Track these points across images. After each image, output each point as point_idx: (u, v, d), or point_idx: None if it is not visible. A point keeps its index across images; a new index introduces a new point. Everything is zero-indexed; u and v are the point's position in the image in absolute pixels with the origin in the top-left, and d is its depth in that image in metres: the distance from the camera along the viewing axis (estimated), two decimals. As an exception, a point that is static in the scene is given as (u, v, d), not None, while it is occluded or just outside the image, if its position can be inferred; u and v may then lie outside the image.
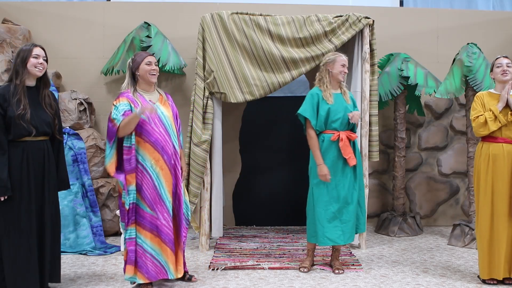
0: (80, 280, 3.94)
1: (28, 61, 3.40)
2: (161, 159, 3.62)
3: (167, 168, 3.64)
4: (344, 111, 4.04)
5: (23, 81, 3.40)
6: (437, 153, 5.99)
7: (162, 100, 3.78)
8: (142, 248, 3.60)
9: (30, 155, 3.40)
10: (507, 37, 6.01)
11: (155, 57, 3.78)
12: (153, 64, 3.71)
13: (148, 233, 3.60)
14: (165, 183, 3.63)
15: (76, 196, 4.88)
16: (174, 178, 3.69)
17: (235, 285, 3.84)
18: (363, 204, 4.21)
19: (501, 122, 3.77)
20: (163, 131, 3.65)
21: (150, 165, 3.59)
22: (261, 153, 5.85)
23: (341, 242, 4.03)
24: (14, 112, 3.32)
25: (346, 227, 4.03)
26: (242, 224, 5.85)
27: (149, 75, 3.69)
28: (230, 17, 4.75)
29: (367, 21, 4.78)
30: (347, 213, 4.04)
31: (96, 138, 5.25)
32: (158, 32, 5.31)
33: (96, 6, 5.77)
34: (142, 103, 3.60)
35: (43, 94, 3.51)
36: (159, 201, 3.60)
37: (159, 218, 3.60)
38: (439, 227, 5.90)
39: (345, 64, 4.08)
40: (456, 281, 3.94)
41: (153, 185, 3.59)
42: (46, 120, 3.47)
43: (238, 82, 4.74)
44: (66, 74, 5.61)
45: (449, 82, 5.04)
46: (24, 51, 3.43)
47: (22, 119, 3.32)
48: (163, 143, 3.63)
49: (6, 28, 5.23)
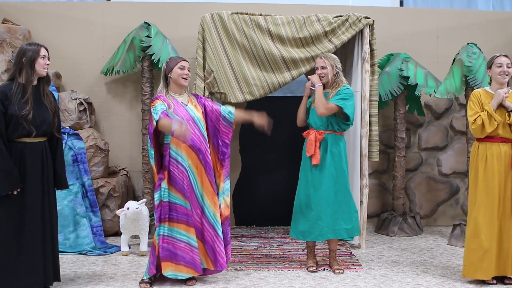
0: (80, 280, 3.94)
1: (36, 62, 3.40)
2: (197, 159, 3.79)
3: (202, 167, 3.81)
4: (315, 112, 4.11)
5: (31, 81, 3.40)
6: (437, 153, 5.99)
7: (193, 102, 3.92)
8: (175, 239, 3.75)
9: (28, 156, 3.38)
10: (507, 37, 6.00)
11: (188, 63, 3.90)
12: (186, 69, 3.85)
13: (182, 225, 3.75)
14: (200, 181, 3.81)
15: (76, 196, 4.88)
16: (208, 175, 3.85)
17: (235, 285, 3.84)
18: (346, 210, 4.08)
19: (496, 120, 3.73)
20: (198, 132, 3.80)
21: (188, 165, 3.76)
22: (261, 153, 5.85)
23: (301, 238, 4.18)
24: (16, 111, 3.30)
25: (307, 225, 4.09)
26: (242, 224, 5.85)
27: (182, 79, 3.84)
28: (230, 17, 4.75)
29: (367, 21, 4.78)
30: (310, 212, 4.08)
31: (96, 138, 5.25)
32: (158, 32, 5.31)
33: (96, 6, 5.77)
34: (175, 104, 3.78)
35: (44, 91, 3.51)
36: (195, 200, 3.79)
37: (193, 215, 3.78)
38: (439, 227, 5.90)
39: (317, 66, 4.14)
40: (456, 281, 3.94)
41: (190, 184, 3.77)
42: (47, 119, 3.46)
43: (238, 82, 4.74)
44: (66, 74, 5.61)
45: (449, 82, 5.04)
46: (31, 51, 3.40)
47: (24, 119, 3.32)
48: (199, 145, 3.79)
49: (6, 28, 5.23)
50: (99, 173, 5.25)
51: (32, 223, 3.38)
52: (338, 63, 4.14)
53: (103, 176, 5.31)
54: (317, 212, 4.06)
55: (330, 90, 4.13)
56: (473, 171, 3.90)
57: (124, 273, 4.11)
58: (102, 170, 5.27)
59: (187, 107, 3.84)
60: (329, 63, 4.09)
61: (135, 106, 5.68)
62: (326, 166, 4.08)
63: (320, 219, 4.06)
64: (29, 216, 3.37)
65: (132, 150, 5.69)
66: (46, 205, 3.47)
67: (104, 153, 5.29)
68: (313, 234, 4.10)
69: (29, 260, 3.36)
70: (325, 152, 4.09)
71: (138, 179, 5.69)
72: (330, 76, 4.09)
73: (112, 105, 5.73)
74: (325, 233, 4.08)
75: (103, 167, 5.27)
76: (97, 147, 5.22)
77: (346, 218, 4.10)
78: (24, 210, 3.36)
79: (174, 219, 3.74)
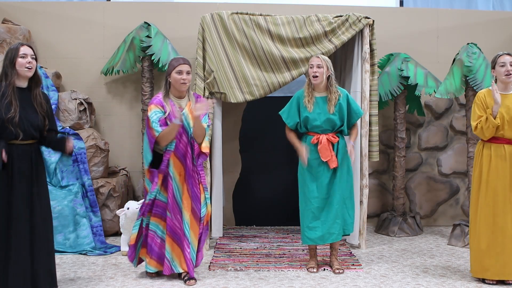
0: (80, 280, 3.94)
1: (16, 61, 3.27)
2: (181, 166, 3.77)
3: (184, 173, 3.78)
4: (324, 118, 4.04)
5: (13, 82, 3.26)
6: (437, 153, 5.99)
7: (190, 106, 3.78)
8: (154, 233, 3.87)
9: (15, 159, 3.27)
10: (507, 37, 6.00)
11: (188, 65, 3.76)
12: (184, 73, 3.72)
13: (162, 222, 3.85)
14: (182, 187, 3.79)
15: (76, 196, 4.88)
16: (191, 181, 3.80)
17: (235, 285, 3.84)
18: (350, 206, 4.14)
19: (492, 125, 3.70)
20: (185, 139, 3.77)
21: (172, 170, 3.75)
22: (261, 153, 5.85)
23: (319, 242, 4.09)
24: (3, 114, 3.19)
25: (325, 228, 4.04)
26: (242, 224, 5.85)
27: (179, 84, 3.74)
28: (230, 17, 4.75)
29: (367, 21, 4.78)
30: (328, 214, 4.05)
31: (96, 138, 5.25)
32: (158, 32, 5.31)
33: (96, 6, 5.77)
34: (171, 108, 3.71)
35: (34, 94, 3.38)
36: (175, 205, 3.78)
37: (172, 219, 3.78)
38: (439, 227, 5.90)
39: (313, 64, 4.04)
40: (456, 281, 3.94)
41: (173, 191, 3.77)
42: (35, 122, 3.33)
43: (238, 82, 4.74)
44: (66, 74, 5.61)
45: (449, 82, 5.04)
46: (11, 50, 3.30)
47: (10, 122, 3.20)
48: (184, 152, 3.77)
49: (6, 28, 5.23)
50: (99, 173, 5.25)
51: (18, 227, 3.26)
52: (332, 66, 4.10)
53: (103, 176, 5.31)
54: (334, 213, 4.05)
55: (326, 93, 4.08)
56: (476, 171, 3.88)
57: (124, 273, 4.11)
58: (102, 170, 5.27)
59: (183, 112, 3.77)
60: (325, 63, 4.04)
61: (135, 106, 5.68)
62: (338, 167, 4.08)
63: (338, 218, 4.06)
64: (16, 221, 3.25)
65: (132, 150, 5.69)
66: (36, 208, 3.34)
67: (104, 153, 5.29)
68: (332, 235, 4.07)
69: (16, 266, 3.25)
70: (336, 151, 4.09)
71: (138, 179, 5.69)
72: (324, 76, 4.03)
73: (112, 105, 5.73)
74: (340, 232, 4.10)
75: (103, 167, 5.27)
76: (97, 147, 5.22)
77: (351, 213, 4.17)
78: (11, 214, 3.24)
79: (155, 213, 3.86)
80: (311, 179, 4.10)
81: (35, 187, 3.36)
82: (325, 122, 4.04)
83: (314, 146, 4.08)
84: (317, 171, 4.08)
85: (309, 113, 4.05)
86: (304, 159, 4.05)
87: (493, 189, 3.77)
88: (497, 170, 3.76)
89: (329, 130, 4.07)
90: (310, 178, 4.10)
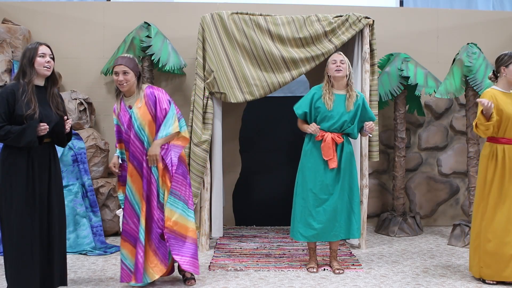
0: (80, 280, 3.94)
1: (35, 61, 3.34)
2: (131, 165, 3.69)
3: (137, 173, 3.67)
4: (339, 118, 4.03)
5: (32, 80, 3.34)
6: (437, 153, 5.99)
7: (139, 102, 3.63)
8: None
9: (35, 159, 3.35)
10: (507, 37, 6.00)
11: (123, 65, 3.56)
12: (120, 74, 3.56)
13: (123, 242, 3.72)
14: (135, 187, 3.68)
15: (76, 196, 4.88)
16: (146, 180, 3.65)
17: (235, 285, 3.84)
18: (356, 209, 4.12)
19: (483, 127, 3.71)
20: (138, 143, 3.64)
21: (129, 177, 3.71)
22: (261, 153, 5.85)
23: (312, 240, 4.10)
24: (23, 111, 3.26)
25: (320, 227, 4.03)
26: (242, 224, 5.85)
27: (118, 85, 3.61)
28: (230, 17, 4.75)
29: (367, 21, 4.78)
30: (325, 214, 4.04)
31: (96, 138, 5.25)
32: (158, 32, 5.31)
33: (96, 6, 5.77)
34: (120, 110, 3.68)
35: (51, 93, 3.45)
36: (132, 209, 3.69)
37: (128, 223, 3.69)
38: (439, 227, 5.90)
39: (336, 60, 4.04)
40: (456, 281, 3.94)
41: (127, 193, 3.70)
42: (53, 120, 3.40)
43: (238, 82, 4.74)
44: (66, 74, 5.61)
45: (449, 82, 5.04)
46: (30, 50, 3.36)
47: (30, 119, 3.26)
48: (133, 150, 3.66)
49: (6, 28, 5.23)
50: (99, 173, 5.25)
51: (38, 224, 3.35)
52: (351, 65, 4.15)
53: (103, 176, 5.31)
54: (333, 213, 4.04)
55: (345, 92, 4.08)
56: (482, 171, 3.87)
57: (124, 273, 4.11)
58: (102, 170, 5.27)
59: (131, 110, 3.63)
60: (347, 60, 4.09)
61: (135, 106, 5.68)
62: (342, 167, 4.07)
63: (336, 219, 4.05)
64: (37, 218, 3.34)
65: (132, 150, 5.68)
66: (53, 208, 3.42)
67: (104, 153, 5.29)
68: (327, 235, 4.06)
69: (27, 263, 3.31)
70: (340, 152, 4.08)
71: (138, 179, 5.69)
72: (347, 72, 4.06)
73: (112, 105, 5.66)
74: (339, 233, 4.08)
75: (103, 167, 5.27)
76: (97, 147, 5.22)
77: (358, 219, 4.13)
78: (34, 213, 3.33)
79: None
80: (312, 176, 4.08)
81: (53, 186, 3.44)
82: (340, 119, 4.04)
83: (319, 143, 4.07)
84: (318, 170, 4.07)
85: (328, 110, 4.03)
86: (315, 128, 4.00)
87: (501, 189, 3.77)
88: (504, 170, 3.76)
89: (336, 129, 4.07)
90: (311, 175, 4.08)
